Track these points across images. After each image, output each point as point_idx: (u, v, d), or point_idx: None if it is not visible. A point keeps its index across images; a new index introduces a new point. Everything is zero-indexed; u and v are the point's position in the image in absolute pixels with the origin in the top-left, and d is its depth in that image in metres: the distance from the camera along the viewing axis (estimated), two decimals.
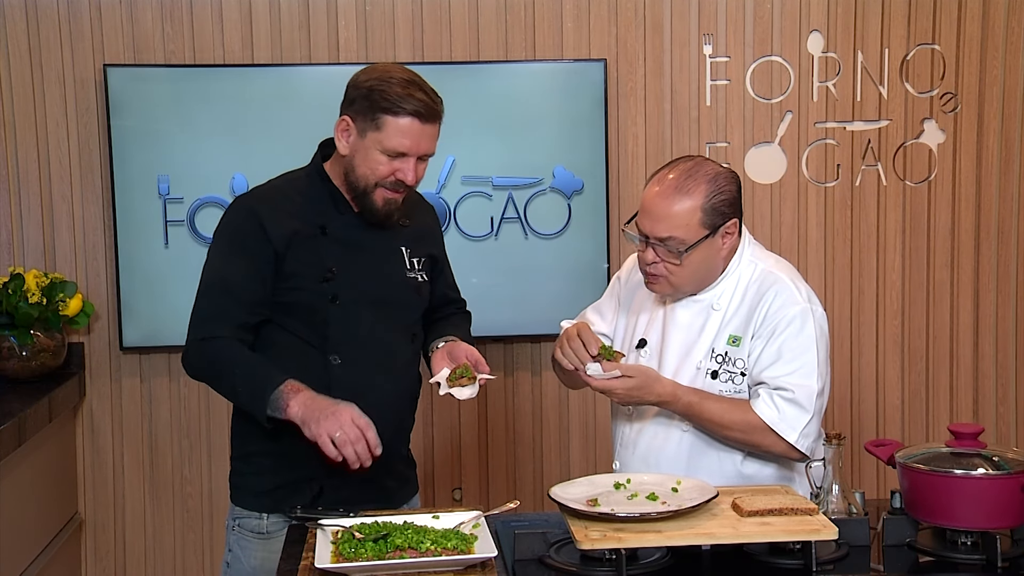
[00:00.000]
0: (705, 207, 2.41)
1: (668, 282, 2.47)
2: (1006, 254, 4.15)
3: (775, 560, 2.14)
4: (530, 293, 3.98)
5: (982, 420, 4.15)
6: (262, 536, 2.52)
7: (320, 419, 2.32)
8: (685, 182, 2.42)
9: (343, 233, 2.50)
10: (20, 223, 3.87)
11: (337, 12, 3.90)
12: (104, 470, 3.96)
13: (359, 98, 2.43)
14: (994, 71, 4.08)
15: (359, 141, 2.44)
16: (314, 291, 2.47)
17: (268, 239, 2.44)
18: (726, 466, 2.49)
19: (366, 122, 2.42)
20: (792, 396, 2.40)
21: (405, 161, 2.43)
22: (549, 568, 2.14)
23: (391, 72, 2.46)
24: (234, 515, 2.58)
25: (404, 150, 2.42)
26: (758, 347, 2.45)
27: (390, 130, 2.40)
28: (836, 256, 4.11)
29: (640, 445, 2.55)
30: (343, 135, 2.47)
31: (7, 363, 3.70)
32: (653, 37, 4.00)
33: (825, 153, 4.08)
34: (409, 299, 2.60)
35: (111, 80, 3.78)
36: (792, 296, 2.47)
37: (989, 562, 2.12)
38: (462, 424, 4.07)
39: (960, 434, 2.25)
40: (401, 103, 2.39)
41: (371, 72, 2.47)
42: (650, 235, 2.44)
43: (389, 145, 2.41)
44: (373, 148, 2.42)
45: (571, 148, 3.95)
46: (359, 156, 2.44)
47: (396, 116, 2.40)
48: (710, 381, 2.48)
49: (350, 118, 2.45)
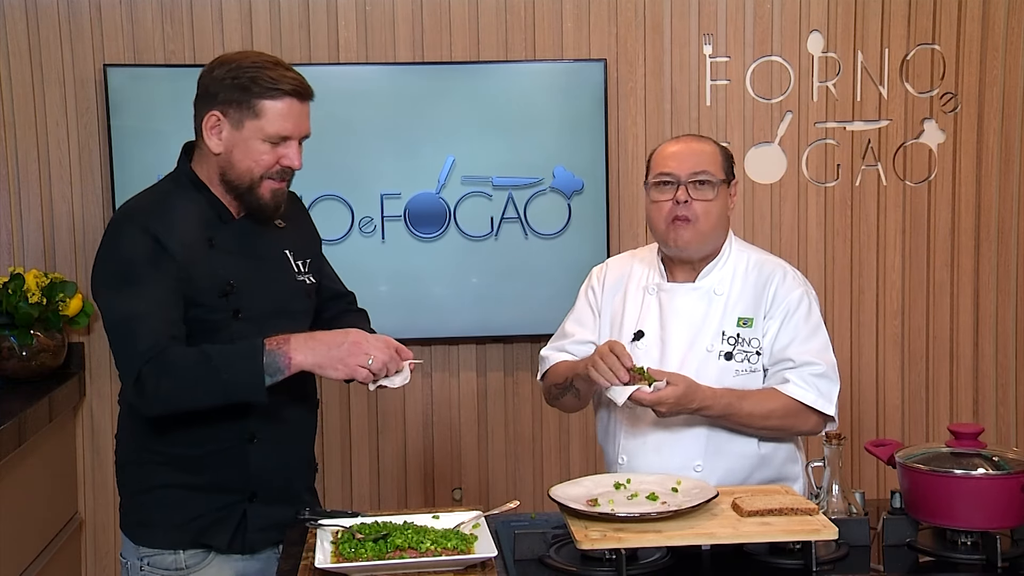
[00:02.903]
0: (722, 154, 2.60)
1: (697, 230, 2.53)
2: (1006, 254, 4.15)
3: (775, 560, 2.14)
4: (530, 293, 3.98)
5: (982, 420, 4.15)
6: (180, 572, 2.36)
7: (343, 357, 2.22)
8: (698, 137, 2.66)
9: (230, 243, 2.36)
10: (20, 223, 3.87)
11: (337, 12, 3.91)
12: (104, 470, 3.96)
13: (225, 89, 2.29)
14: (994, 71, 4.08)
15: (235, 134, 2.30)
16: (215, 307, 2.31)
17: (171, 255, 2.26)
18: (747, 448, 2.53)
19: (241, 112, 2.28)
20: (822, 370, 2.51)
21: (288, 146, 2.31)
22: (549, 568, 2.13)
23: (252, 58, 2.32)
24: (139, 555, 2.38)
25: (287, 133, 2.30)
26: (773, 327, 2.55)
27: (270, 115, 2.28)
28: (836, 256, 4.11)
29: (651, 436, 2.55)
30: (213, 132, 2.31)
31: (7, 363, 3.70)
32: (653, 37, 4.00)
33: (825, 153, 4.08)
34: (303, 305, 2.47)
35: (111, 80, 3.78)
36: (793, 279, 2.60)
37: (989, 562, 2.12)
38: (462, 424, 4.07)
39: (960, 434, 2.25)
40: (278, 85, 2.27)
41: (227, 61, 2.33)
42: (683, 173, 2.53)
43: (271, 131, 2.29)
44: (253, 138, 2.29)
45: (571, 148, 3.95)
46: (238, 150, 2.31)
47: (275, 99, 2.28)
48: (724, 363, 2.53)
49: (220, 112, 2.30)
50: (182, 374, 2.21)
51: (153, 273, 2.25)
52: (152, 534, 2.37)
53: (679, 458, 2.51)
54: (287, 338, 2.23)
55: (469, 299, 3.96)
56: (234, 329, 2.31)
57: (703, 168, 2.53)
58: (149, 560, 2.37)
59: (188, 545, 2.36)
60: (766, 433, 2.53)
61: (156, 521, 2.37)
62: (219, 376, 2.20)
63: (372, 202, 3.90)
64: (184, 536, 2.36)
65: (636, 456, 2.56)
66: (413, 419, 4.05)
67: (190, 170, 2.39)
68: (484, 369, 4.04)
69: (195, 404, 2.26)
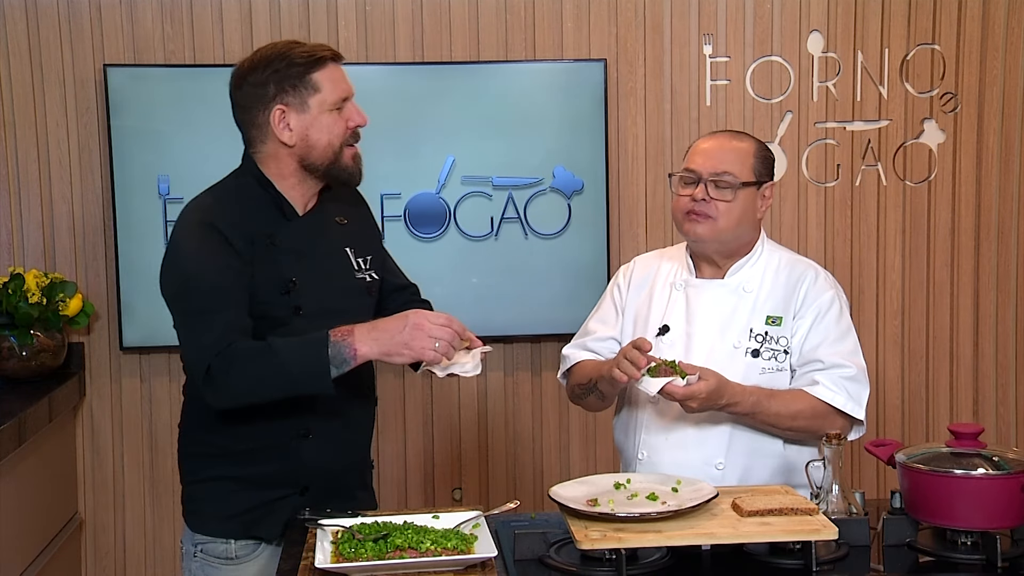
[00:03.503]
0: (757, 155, 2.56)
1: (713, 225, 2.52)
2: (1006, 254, 4.15)
3: (775, 560, 2.14)
4: (530, 293, 3.99)
5: (982, 420, 4.15)
6: (231, 562, 2.41)
7: (407, 341, 2.25)
8: (737, 134, 2.62)
9: (292, 242, 2.40)
10: (20, 223, 3.88)
11: (337, 12, 3.91)
12: (104, 470, 3.96)
13: (274, 83, 2.34)
14: (994, 71, 4.08)
15: (303, 117, 2.35)
16: (276, 303, 2.36)
17: (237, 252, 2.32)
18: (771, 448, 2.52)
19: (300, 94, 2.34)
20: (852, 373, 2.49)
21: (350, 105, 2.40)
22: (549, 568, 2.13)
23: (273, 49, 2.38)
24: (195, 541, 2.45)
25: (345, 94, 2.38)
26: (803, 327, 2.53)
27: (326, 84, 2.35)
28: (836, 256, 4.11)
29: (675, 432, 2.54)
30: (282, 125, 2.35)
31: (7, 363, 3.70)
32: (653, 37, 4.00)
33: (825, 153, 4.08)
34: (363, 302, 2.50)
35: (111, 80, 3.78)
36: (825, 280, 2.59)
37: (989, 562, 2.12)
38: (462, 424, 4.07)
39: (960, 434, 2.25)
40: (316, 55, 2.35)
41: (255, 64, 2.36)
42: (705, 171, 2.52)
43: (333, 98, 2.36)
44: (321, 112, 2.35)
45: (571, 148, 3.95)
46: (313, 130, 2.36)
47: (323, 68, 2.35)
48: (751, 360, 2.51)
49: (282, 105, 2.34)
50: (250, 367, 2.26)
51: (220, 269, 2.31)
52: (205, 523, 2.44)
53: (701, 455, 2.50)
54: (351, 329, 2.26)
55: (469, 299, 3.96)
56: (294, 325, 2.34)
57: (725, 169, 2.51)
58: (203, 547, 2.44)
59: (239, 535, 2.42)
60: (791, 435, 2.50)
61: (209, 511, 2.44)
62: (286, 369, 2.24)
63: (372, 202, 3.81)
64: (235, 527, 2.42)
65: (657, 452, 2.55)
66: (413, 419, 4.05)
67: (256, 167, 2.41)
68: (484, 369, 4.02)
69: (262, 396, 2.30)
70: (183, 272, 2.34)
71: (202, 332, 2.29)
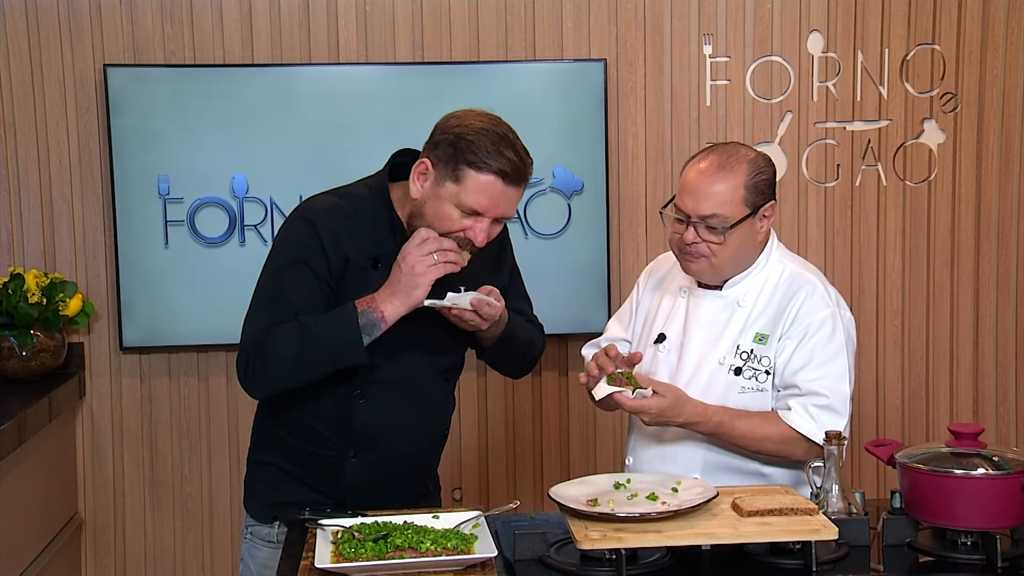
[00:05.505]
0: (748, 185, 2.42)
1: (710, 263, 2.45)
2: (1006, 254, 4.15)
3: (775, 560, 2.14)
4: (530, 293, 3.97)
5: (982, 420, 4.15)
6: (272, 544, 2.48)
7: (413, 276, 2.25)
8: (727, 161, 2.43)
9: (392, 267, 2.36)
10: (20, 223, 3.87)
11: (337, 12, 3.90)
12: (104, 470, 3.96)
13: (444, 143, 2.29)
14: (994, 71, 4.08)
15: (435, 189, 2.29)
16: None
17: (328, 261, 2.33)
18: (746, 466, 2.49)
19: (446, 170, 2.27)
20: (827, 402, 2.40)
21: (479, 220, 2.29)
22: (549, 568, 2.14)
23: (485, 124, 2.30)
24: (247, 523, 2.55)
25: (480, 209, 2.27)
26: (787, 348, 2.45)
27: (470, 186, 2.26)
28: (836, 256, 4.11)
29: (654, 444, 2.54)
30: (419, 178, 2.31)
31: (7, 363, 3.70)
32: (653, 37, 4.00)
33: (825, 153, 4.08)
34: (452, 341, 2.48)
35: (111, 80, 3.78)
36: (822, 299, 2.48)
37: (989, 562, 2.12)
38: (462, 424, 4.06)
39: (960, 434, 2.25)
40: (488, 159, 2.25)
41: (462, 117, 2.32)
42: (693, 214, 2.42)
43: (465, 201, 2.27)
44: (448, 200, 2.27)
45: (571, 148, 3.94)
46: (430, 204, 2.30)
47: (479, 172, 2.25)
48: (733, 377, 2.47)
49: (431, 162, 2.30)
50: (283, 348, 2.29)
51: (301, 270, 2.33)
52: (252, 504, 2.53)
53: (679, 468, 2.48)
54: (371, 296, 2.30)
55: None
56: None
57: (713, 212, 2.40)
58: (252, 530, 2.53)
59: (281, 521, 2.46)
60: (761, 457, 2.47)
61: (257, 493, 2.52)
62: (319, 343, 2.27)
63: None
64: (277, 513, 2.48)
65: (642, 461, 2.57)
66: None
67: (386, 186, 2.41)
68: (484, 369, 4.04)
69: (299, 375, 2.32)
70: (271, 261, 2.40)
71: (252, 321, 2.36)
